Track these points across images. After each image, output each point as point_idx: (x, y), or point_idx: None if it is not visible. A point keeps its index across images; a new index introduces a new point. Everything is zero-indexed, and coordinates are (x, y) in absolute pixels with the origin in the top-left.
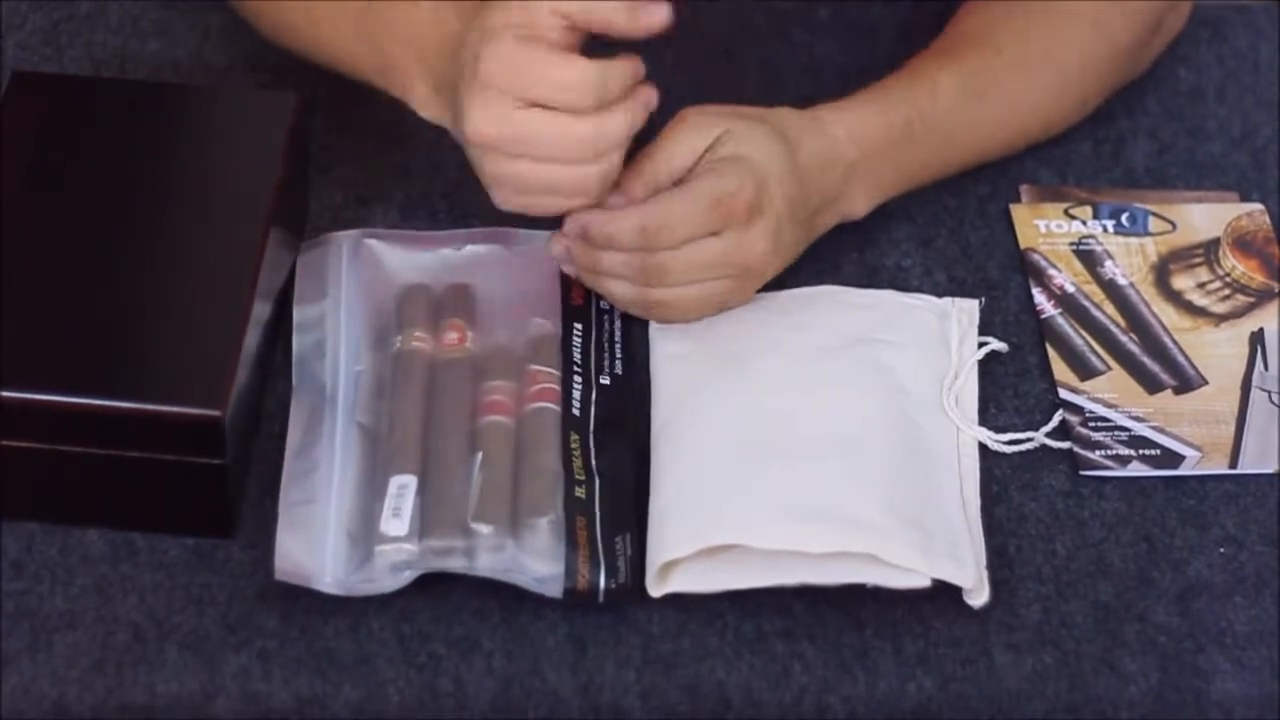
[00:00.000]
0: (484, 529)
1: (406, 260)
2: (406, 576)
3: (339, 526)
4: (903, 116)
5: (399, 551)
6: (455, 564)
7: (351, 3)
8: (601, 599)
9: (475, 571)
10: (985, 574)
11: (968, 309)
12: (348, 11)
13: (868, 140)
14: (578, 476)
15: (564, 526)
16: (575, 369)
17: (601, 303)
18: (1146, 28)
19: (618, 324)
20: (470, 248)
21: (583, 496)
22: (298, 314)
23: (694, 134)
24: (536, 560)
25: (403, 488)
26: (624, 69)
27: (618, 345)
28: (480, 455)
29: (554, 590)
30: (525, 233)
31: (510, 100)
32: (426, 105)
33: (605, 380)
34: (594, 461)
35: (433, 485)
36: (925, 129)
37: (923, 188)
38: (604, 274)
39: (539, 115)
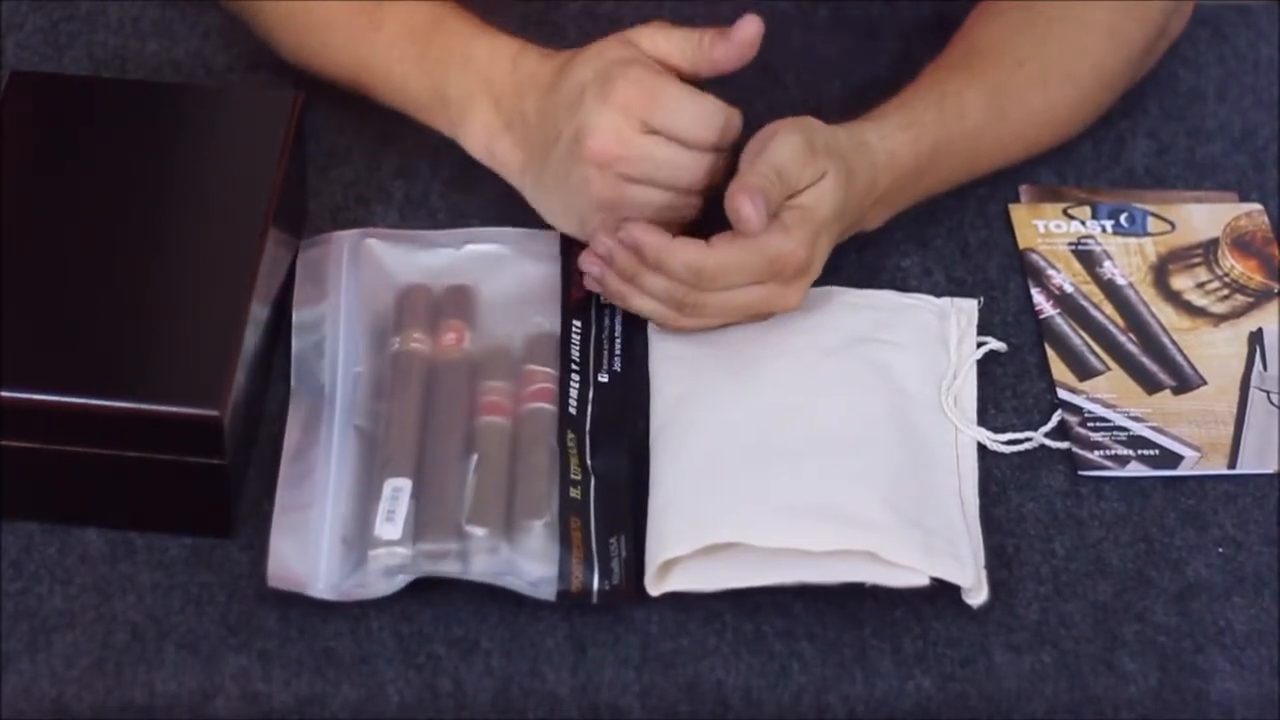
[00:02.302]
0: (478, 531)
1: (406, 260)
2: (400, 581)
3: (334, 531)
4: (931, 142)
5: (392, 555)
6: (449, 568)
7: (412, 37)
8: (595, 600)
9: (469, 576)
10: (984, 573)
11: (967, 309)
12: (406, 46)
13: (899, 168)
14: (573, 477)
15: (558, 528)
16: (573, 367)
17: (601, 297)
18: (1156, 31)
19: (618, 320)
20: (471, 246)
21: (578, 497)
22: (297, 316)
23: (811, 169)
24: (531, 562)
25: (397, 490)
26: (738, 118)
27: (617, 342)
28: (475, 457)
29: (547, 593)
30: (526, 232)
31: (636, 123)
32: (488, 140)
33: (604, 378)
34: (590, 461)
35: (428, 488)
36: (950, 151)
37: None
38: (640, 289)
39: (661, 141)
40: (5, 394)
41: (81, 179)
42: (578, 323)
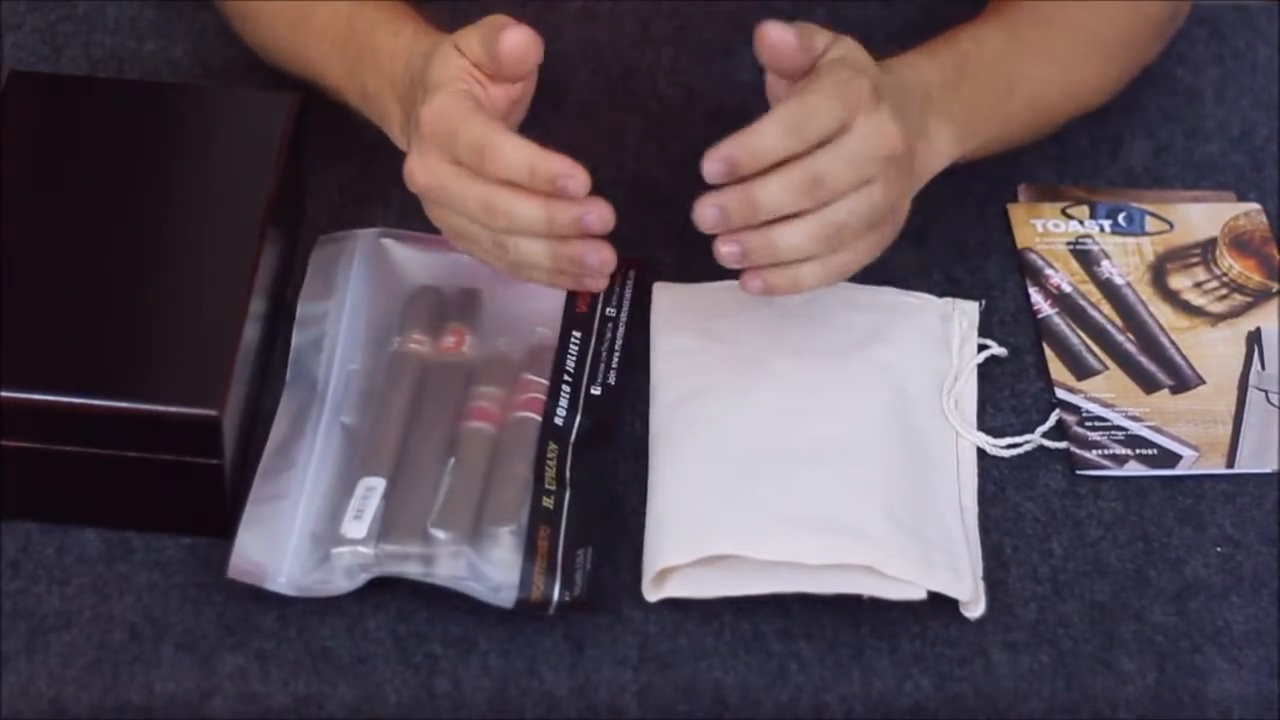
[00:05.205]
0: (441, 535)
1: (419, 261)
2: (362, 579)
3: (304, 525)
4: (951, 59)
5: (355, 554)
6: (411, 570)
7: (336, 32)
8: (553, 610)
9: (431, 579)
10: (982, 585)
11: (969, 311)
12: (333, 41)
13: (925, 78)
14: (548, 486)
15: (525, 536)
16: (565, 378)
17: (607, 310)
18: (1168, 11)
19: (619, 332)
20: None
21: (550, 507)
22: (301, 309)
23: (819, 33)
24: (494, 569)
25: (370, 490)
26: (537, 159)
27: (615, 355)
28: (453, 461)
29: (506, 600)
30: None
31: (440, 153)
32: (403, 138)
33: (596, 390)
34: (569, 472)
35: (401, 489)
36: (977, 71)
37: (989, 153)
38: (777, 242)
39: (455, 173)
40: (4, 394)
41: (79, 179)
42: (578, 334)
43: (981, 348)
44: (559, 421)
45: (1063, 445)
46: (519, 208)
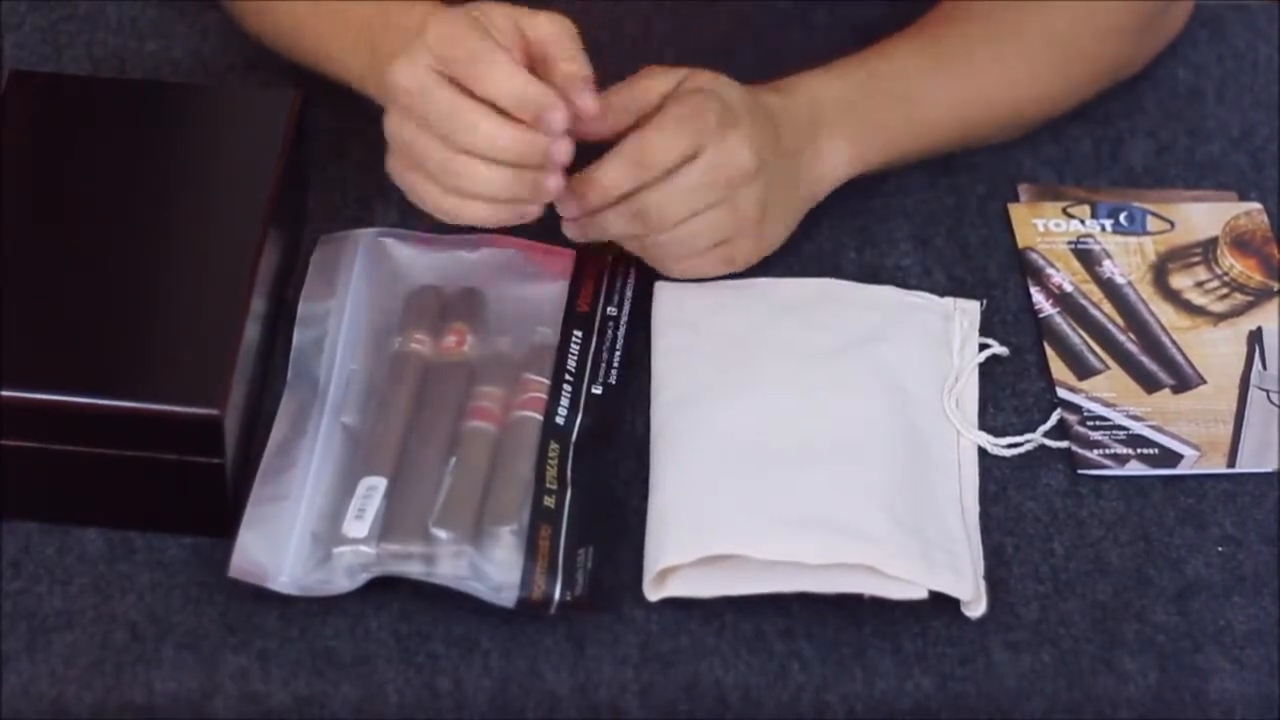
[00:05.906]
0: (442, 534)
1: (420, 261)
2: (363, 578)
3: (305, 525)
4: (854, 74)
5: (357, 554)
6: (413, 569)
7: (354, 11)
8: (554, 610)
9: (433, 579)
10: (983, 584)
11: (970, 311)
12: (356, 37)
13: (824, 95)
14: (549, 486)
15: (526, 536)
16: (567, 377)
17: (609, 309)
18: (1135, 15)
19: (620, 332)
20: (486, 250)
21: (551, 506)
22: (303, 309)
23: (661, 76)
24: (495, 568)
25: (371, 489)
26: (530, 85)
27: (617, 354)
28: (454, 460)
29: (508, 600)
30: (542, 245)
31: (431, 61)
32: None
33: (597, 390)
34: (570, 472)
35: (402, 488)
36: (882, 87)
37: (908, 167)
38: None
39: (439, 80)
40: (5, 394)
41: (80, 179)
42: (579, 333)
43: (983, 347)
44: (560, 421)
45: (1064, 445)
46: (495, 128)
